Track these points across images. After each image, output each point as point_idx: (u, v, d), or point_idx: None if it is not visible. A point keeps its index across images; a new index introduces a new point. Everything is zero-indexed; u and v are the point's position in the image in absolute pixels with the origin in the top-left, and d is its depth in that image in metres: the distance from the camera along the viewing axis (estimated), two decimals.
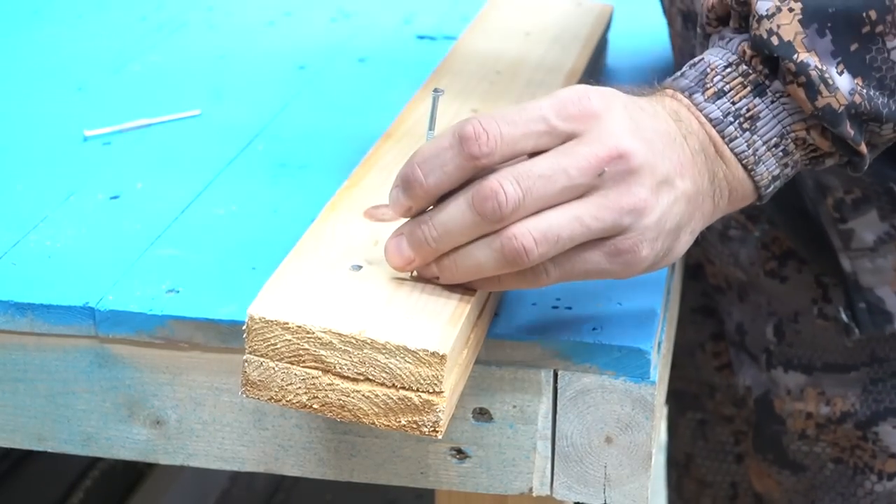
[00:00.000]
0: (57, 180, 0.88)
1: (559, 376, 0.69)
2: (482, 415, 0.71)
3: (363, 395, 0.61)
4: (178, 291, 0.73)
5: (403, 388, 0.60)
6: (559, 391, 0.69)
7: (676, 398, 1.20)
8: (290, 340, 0.61)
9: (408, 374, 0.60)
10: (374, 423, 0.61)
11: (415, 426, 0.60)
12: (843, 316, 0.92)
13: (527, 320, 0.70)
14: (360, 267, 0.65)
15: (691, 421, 1.17)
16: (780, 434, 1.00)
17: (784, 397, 0.98)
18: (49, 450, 0.76)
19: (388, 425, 0.61)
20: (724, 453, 1.12)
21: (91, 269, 0.76)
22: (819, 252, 0.92)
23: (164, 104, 1.02)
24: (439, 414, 0.60)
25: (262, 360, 0.61)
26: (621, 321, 0.70)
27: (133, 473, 1.39)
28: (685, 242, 0.65)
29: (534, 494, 0.72)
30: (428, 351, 0.59)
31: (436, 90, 0.65)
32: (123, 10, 1.28)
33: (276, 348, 0.61)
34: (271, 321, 0.61)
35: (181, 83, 1.08)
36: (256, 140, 0.96)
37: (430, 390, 0.60)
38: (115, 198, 0.86)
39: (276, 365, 0.61)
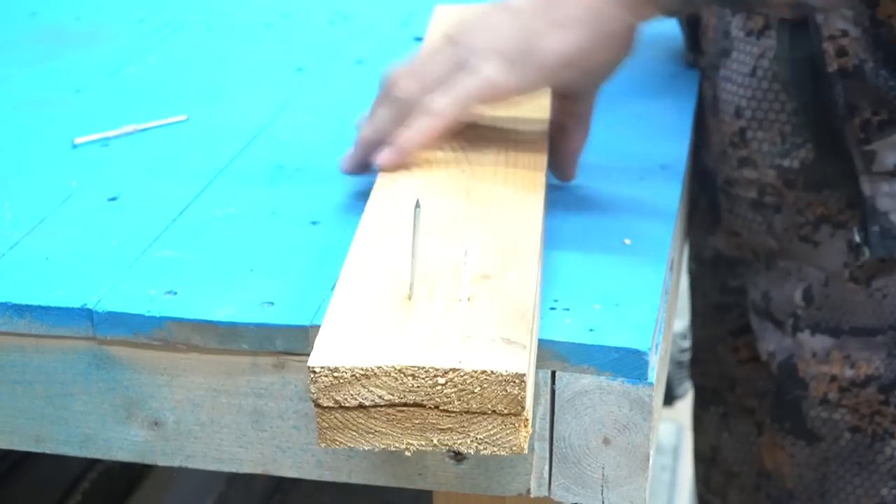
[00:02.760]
0: (55, 182, 0.88)
1: (557, 377, 0.69)
2: None
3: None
4: (175, 293, 0.73)
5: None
6: (557, 392, 0.69)
7: (699, 393, 1.21)
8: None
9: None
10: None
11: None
12: (856, 237, 0.94)
13: None
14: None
15: (714, 415, 1.18)
16: (800, 400, 1.01)
17: (808, 360, 1.00)
18: (47, 451, 0.76)
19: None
20: (749, 444, 1.13)
21: (89, 271, 0.76)
22: (843, 177, 0.94)
23: (162, 106, 1.02)
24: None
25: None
26: (619, 322, 0.70)
27: (131, 475, 1.39)
28: (559, 38, 0.77)
29: (531, 496, 0.72)
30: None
31: (417, 205, 0.65)
32: (121, 12, 1.28)
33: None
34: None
35: (179, 85, 1.08)
36: (254, 142, 0.96)
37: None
38: (114, 199, 0.86)
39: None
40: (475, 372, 0.59)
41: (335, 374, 0.60)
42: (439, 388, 0.60)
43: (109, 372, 0.73)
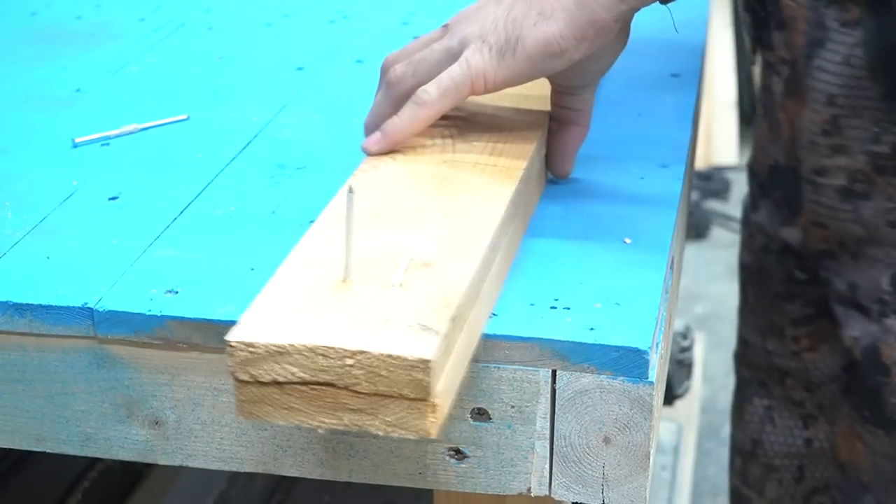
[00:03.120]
0: (55, 181, 0.88)
1: (557, 376, 0.69)
2: (480, 415, 0.71)
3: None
4: (176, 292, 0.73)
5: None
6: (557, 391, 0.70)
7: (742, 386, 1.21)
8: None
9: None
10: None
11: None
12: None
13: (525, 320, 0.70)
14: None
15: (759, 407, 1.18)
16: (881, 386, 1.01)
17: (893, 344, 1.00)
18: (48, 450, 0.77)
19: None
20: (793, 437, 1.14)
21: (90, 270, 0.76)
22: None
23: (163, 105, 1.02)
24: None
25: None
26: (620, 321, 0.70)
27: (132, 474, 1.39)
28: (543, 27, 0.78)
29: (532, 495, 0.72)
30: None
31: (350, 190, 0.66)
32: (122, 12, 1.28)
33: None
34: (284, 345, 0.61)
35: (180, 84, 1.08)
36: (255, 141, 0.96)
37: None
38: (114, 199, 0.86)
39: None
40: (381, 355, 0.60)
41: (251, 350, 0.61)
42: (348, 368, 0.61)
43: (110, 371, 0.73)
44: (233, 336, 0.61)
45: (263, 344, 0.61)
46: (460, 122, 0.85)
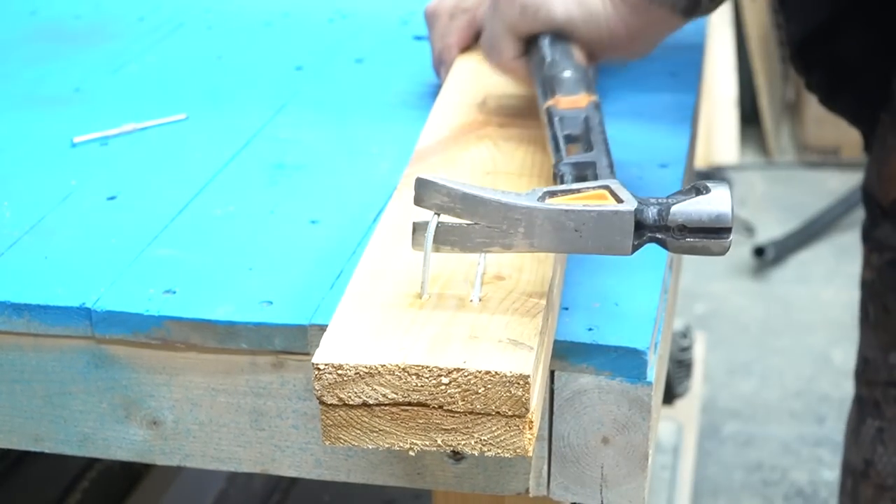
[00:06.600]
0: (54, 181, 0.88)
1: (556, 377, 0.69)
2: None
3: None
4: (174, 292, 0.73)
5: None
6: (556, 392, 0.69)
7: (859, 405, 1.21)
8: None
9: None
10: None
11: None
12: None
13: None
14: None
15: (871, 428, 1.18)
16: None
17: None
18: (46, 450, 0.76)
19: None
20: None
21: (88, 270, 0.76)
22: None
23: (162, 105, 1.02)
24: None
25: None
26: (618, 321, 0.70)
27: (130, 474, 1.39)
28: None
29: (530, 495, 0.72)
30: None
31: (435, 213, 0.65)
32: (121, 11, 1.28)
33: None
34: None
35: (179, 84, 1.08)
36: (254, 141, 0.96)
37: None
38: (113, 198, 0.86)
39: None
40: (479, 372, 0.59)
41: (339, 372, 0.60)
42: (443, 387, 0.60)
43: (108, 371, 0.73)
44: (319, 358, 0.60)
45: (353, 365, 0.60)
46: (498, 139, 0.84)
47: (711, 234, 0.64)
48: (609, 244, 0.63)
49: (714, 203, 0.63)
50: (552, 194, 0.64)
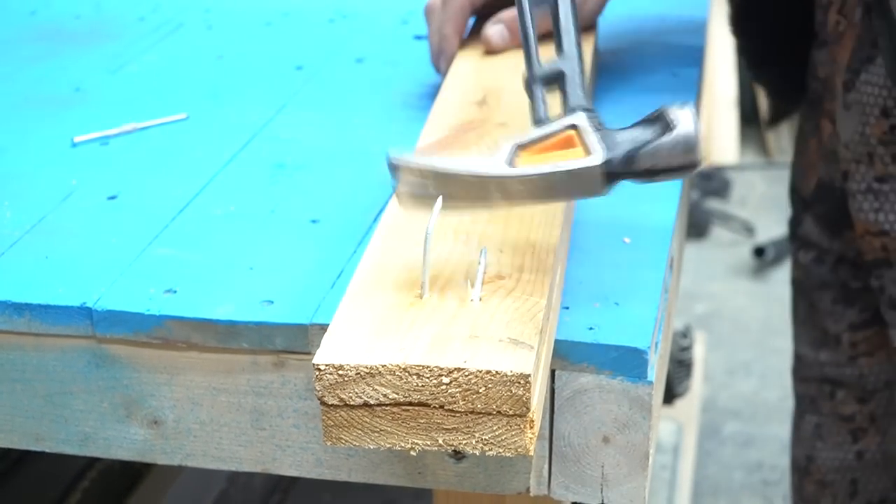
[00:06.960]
0: (54, 180, 0.88)
1: (556, 376, 0.69)
2: None
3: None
4: (175, 291, 0.73)
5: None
6: (556, 391, 0.69)
7: (798, 402, 1.21)
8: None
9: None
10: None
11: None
12: None
13: None
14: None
15: (809, 424, 1.18)
16: None
17: None
18: (46, 450, 0.76)
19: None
20: (844, 452, 1.14)
21: (88, 269, 0.76)
22: None
23: (162, 105, 1.02)
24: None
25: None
26: (619, 321, 0.70)
27: (131, 474, 1.39)
28: None
29: (531, 494, 0.72)
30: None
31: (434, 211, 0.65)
32: (121, 11, 1.28)
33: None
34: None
35: (179, 84, 1.08)
36: (254, 140, 0.96)
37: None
38: (113, 198, 0.86)
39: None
40: (479, 372, 0.59)
41: (340, 372, 0.60)
42: (444, 387, 0.60)
43: (109, 370, 0.73)
44: (320, 359, 0.60)
45: (353, 366, 0.60)
46: (497, 138, 0.84)
47: (680, 171, 0.68)
48: (582, 193, 0.68)
49: (681, 141, 0.67)
50: (522, 146, 0.68)
